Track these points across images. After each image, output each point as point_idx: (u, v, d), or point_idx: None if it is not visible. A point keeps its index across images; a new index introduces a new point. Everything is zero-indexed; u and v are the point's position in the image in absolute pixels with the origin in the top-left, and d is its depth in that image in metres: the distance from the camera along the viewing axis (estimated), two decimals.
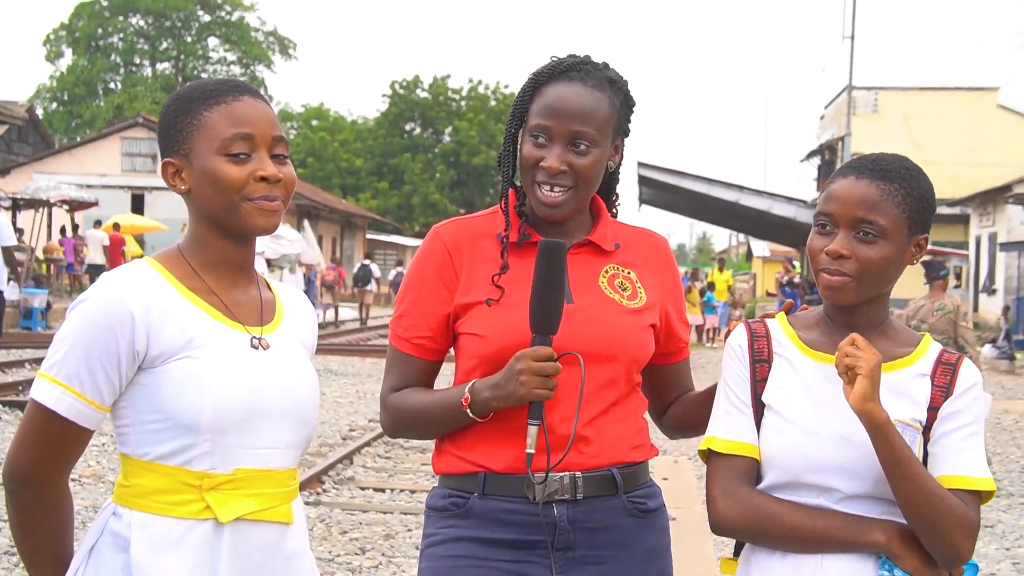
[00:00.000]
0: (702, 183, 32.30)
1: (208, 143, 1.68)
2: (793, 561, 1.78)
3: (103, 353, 1.61)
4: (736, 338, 1.93)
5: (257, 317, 1.76)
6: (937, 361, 1.84)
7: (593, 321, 1.96)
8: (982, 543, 6.11)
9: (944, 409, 1.80)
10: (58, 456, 1.64)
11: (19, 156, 34.36)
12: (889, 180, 1.79)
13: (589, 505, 1.94)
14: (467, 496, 1.95)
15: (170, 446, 1.64)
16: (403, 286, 2.06)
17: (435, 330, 2.00)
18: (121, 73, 54.00)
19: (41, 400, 1.62)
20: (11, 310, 15.88)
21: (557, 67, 1.98)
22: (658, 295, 2.05)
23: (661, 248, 2.12)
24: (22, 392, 9.97)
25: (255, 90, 1.75)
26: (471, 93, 56.05)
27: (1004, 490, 7.64)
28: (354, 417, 10.05)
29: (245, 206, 1.68)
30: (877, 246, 1.77)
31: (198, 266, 1.72)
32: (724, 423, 1.87)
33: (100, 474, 6.86)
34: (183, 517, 1.64)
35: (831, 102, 35.73)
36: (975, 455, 1.79)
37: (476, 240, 2.02)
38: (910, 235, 1.81)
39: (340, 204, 44.10)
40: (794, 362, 1.86)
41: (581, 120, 1.93)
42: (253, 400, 1.67)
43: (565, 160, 1.92)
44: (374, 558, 5.37)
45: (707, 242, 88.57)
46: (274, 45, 56.31)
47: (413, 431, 2.07)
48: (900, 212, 1.78)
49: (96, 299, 1.63)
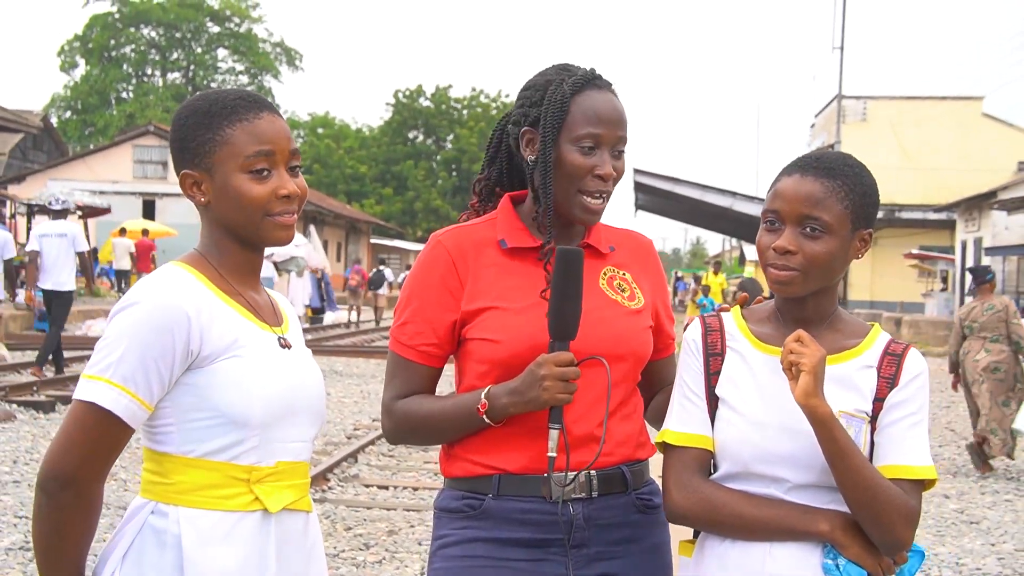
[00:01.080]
0: (696, 189, 32.82)
1: (231, 160, 1.70)
2: (743, 548, 1.81)
3: (159, 354, 1.62)
4: (691, 332, 1.95)
5: (275, 318, 1.80)
6: (884, 352, 1.85)
7: (600, 323, 1.98)
8: (968, 539, 6.25)
9: (889, 399, 1.81)
10: (103, 457, 1.64)
11: (34, 164, 34.59)
12: (833, 177, 1.81)
13: (602, 503, 1.97)
14: (482, 498, 1.96)
15: (220, 442, 1.67)
16: (406, 294, 2.05)
17: (441, 337, 2.00)
18: (133, 83, 54.52)
19: (98, 401, 1.61)
20: (26, 313, 16.38)
21: (585, 76, 2.01)
22: (650, 295, 2.09)
23: (648, 249, 2.16)
24: (37, 392, 10.08)
25: (272, 105, 1.77)
26: (472, 102, 56.78)
27: (989, 487, 7.80)
28: (358, 417, 10.17)
29: (267, 222, 1.72)
30: (822, 241, 1.80)
31: (222, 270, 1.75)
32: (678, 416, 1.90)
33: (113, 472, 7.18)
34: (233, 510, 1.67)
35: (821, 111, 36.06)
36: (918, 444, 1.80)
37: (479, 247, 2.02)
38: (854, 230, 1.83)
39: (345, 210, 44.52)
40: (745, 355, 1.88)
41: (623, 126, 1.99)
42: (290, 396, 1.73)
43: (612, 166, 1.98)
44: (378, 553, 5.48)
45: (701, 247, 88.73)
46: (281, 56, 56.85)
47: (418, 437, 2.06)
48: (844, 208, 1.81)
49: (150, 302, 1.64)
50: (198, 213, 1.78)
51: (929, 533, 6.39)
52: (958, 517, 6.85)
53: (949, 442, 9.81)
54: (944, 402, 12.64)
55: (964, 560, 5.84)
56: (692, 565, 1.91)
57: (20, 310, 16.83)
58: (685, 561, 1.94)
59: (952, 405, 12.38)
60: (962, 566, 5.74)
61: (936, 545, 6.13)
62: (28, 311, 16.19)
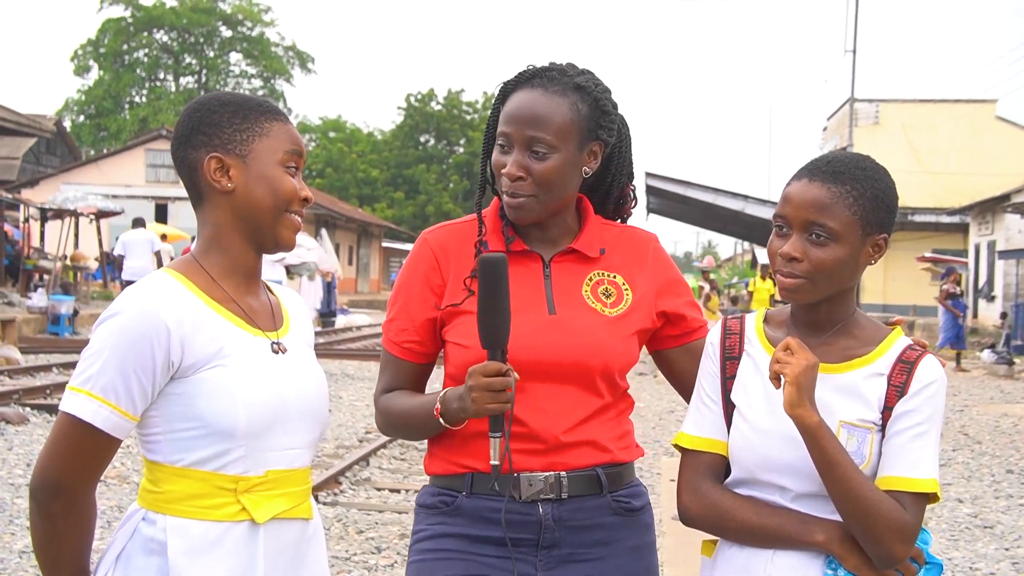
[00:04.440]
0: (708, 192, 32.74)
1: (271, 152, 1.72)
2: (749, 554, 1.82)
3: (138, 365, 1.61)
4: (712, 335, 1.93)
5: (271, 322, 1.78)
6: (897, 360, 1.81)
7: (574, 332, 1.95)
8: (981, 543, 6.18)
9: (897, 408, 1.78)
10: (90, 466, 1.65)
11: (48, 168, 34.90)
12: (841, 182, 1.78)
13: (574, 504, 1.95)
14: (455, 495, 1.98)
15: (205, 452, 1.66)
16: (394, 291, 2.08)
17: (422, 334, 2.02)
18: (146, 87, 54.83)
19: (78, 414, 1.61)
20: (39, 316, 16.55)
21: (522, 75, 1.98)
22: (646, 292, 2.03)
23: (645, 244, 2.09)
24: (50, 396, 10.04)
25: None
26: (484, 106, 56.87)
27: (1003, 491, 7.71)
28: (370, 420, 9.99)
29: (285, 218, 1.74)
30: (829, 248, 1.76)
31: (216, 274, 1.73)
32: (693, 419, 1.90)
33: (125, 475, 7.05)
34: (219, 520, 1.66)
35: (833, 114, 36.09)
36: (922, 455, 1.76)
37: (463, 246, 2.02)
38: (864, 236, 1.79)
39: (357, 213, 44.69)
40: (757, 360, 1.86)
41: (537, 125, 1.91)
42: (279, 404, 1.70)
43: (523, 166, 1.92)
44: (389, 557, 5.48)
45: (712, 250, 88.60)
46: (293, 59, 57.04)
47: (399, 433, 2.10)
48: (851, 214, 1.77)
49: (129, 312, 1.63)
50: (202, 209, 1.75)
51: (943, 538, 6.35)
52: (972, 522, 6.81)
53: (963, 446, 9.76)
54: (958, 406, 12.59)
55: (978, 565, 5.81)
56: (709, 565, 1.92)
57: (32, 313, 16.94)
58: (706, 561, 1.94)
59: (966, 409, 12.35)
60: (976, 571, 5.70)
61: (950, 550, 6.09)
62: (42, 315, 16.42)
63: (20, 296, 18.64)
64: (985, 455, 9.25)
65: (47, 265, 21.00)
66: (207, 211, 1.75)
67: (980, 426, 10.98)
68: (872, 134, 31.50)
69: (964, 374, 17.17)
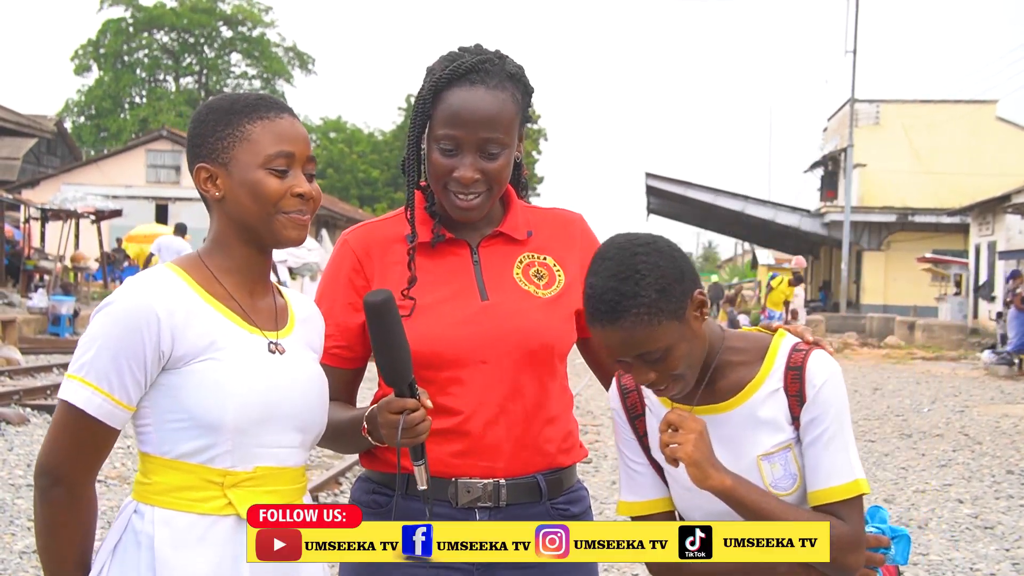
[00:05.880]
0: (708, 193, 32.80)
1: (252, 156, 1.72)
2: None
3: (130, 354, 1.63)
4: (611, 400, 1.91)
5: (272, 323, 1.78)
6: (786, 368, 1.78)
7: (509, 316, 1.92)
8: (982, 544, 6.20)
9: (802, 417, 1.77)
10: (88, 455, 1.66)
11: (48, 168, 34.88)
12: (627, 316, 1.68)
13: (511, 512, 1.92)
14: (390, 495, 1.94)
15: (192, 444, 1.67)
16: (316, 296, 2.00)
17: (350, 339, 1.97)
18: (146, 87, 54.90)
19: (72, 400, 1.64)
20: (40, 317, 16.53)
21: (456, 70, 1.89)
22: (577, 272, 1.94)
23: (571, 224, 2.06)
24: (50, 396, 10.03)
25: (292, 110, 1.80)
26: None
27: (1004, 492, 7.70)
28: None
29: (279, 218, 1.73)
30: (668, 361, 1.71)
31: (218, 272, 1.74)
32: (628, 486, 1.89)
33: (125, 475, 7.05)
34: (206, 513, 1.67)
35: (834, 114, 36.06)
36: (837, 460, 1.75)
37: (386, 245, 1.97)
38: (683, 315, 1.71)
39: (357, 214, 44.71)
40: (656, 413, 1.83)
41: (490, 127, 1.87)
42: (270, 401, 1.70)
43: (478, 168, 1.88)
44: None
45: (713, 251, 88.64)
46: (294, 60, 57.05)
47: (332, 446, 2.00)
48: (660, 325, 1.68)
49: (122, 302, 1.65)
50: (208, 213, 1.79)
51: (943, 538, 6.35)
52: (972, 522, 6.81)
53: (963, 447, 9.76)
54: (958, 407, 12.58)
55: (978, 565, 5.81)
56: None
57: (33, 313, 16.96)
58: None
59: (966, 409, 12.34)
60: (976, 571, 5.70)
61: (950, 550, 6.09)
62: (43, 316, 16.47)
63: (20, 296, 18.68)
64: (985, 456, 9.23)
65: (47, 265, 21.06)
66: (211, 216, 1.79)
67: (980, 427, 10.96)
68: (873, 134, 31.56)
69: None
